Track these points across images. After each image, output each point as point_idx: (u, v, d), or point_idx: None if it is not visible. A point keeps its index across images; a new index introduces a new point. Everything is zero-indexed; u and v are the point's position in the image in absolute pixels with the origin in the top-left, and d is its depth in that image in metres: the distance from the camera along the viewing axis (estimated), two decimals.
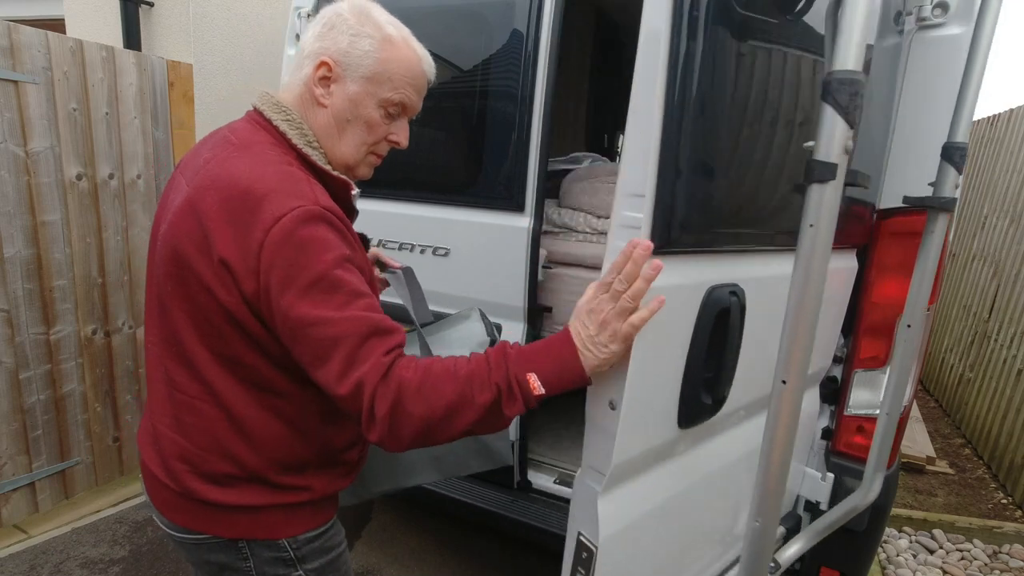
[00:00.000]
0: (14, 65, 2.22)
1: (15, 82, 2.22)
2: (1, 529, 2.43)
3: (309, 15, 2.18)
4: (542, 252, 1.99)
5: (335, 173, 0.95)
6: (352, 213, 1.01)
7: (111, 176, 2.60)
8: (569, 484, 2.10)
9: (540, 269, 1.98)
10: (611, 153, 5.67)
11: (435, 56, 2.12)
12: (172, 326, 0.91)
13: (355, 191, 0.99)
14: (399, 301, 1.25)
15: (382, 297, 1.12)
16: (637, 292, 0.86)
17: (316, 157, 0.94)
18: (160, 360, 0.96)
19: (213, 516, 0.96)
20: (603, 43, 4.08)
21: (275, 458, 0.95)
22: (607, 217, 2.16)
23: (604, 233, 2.15)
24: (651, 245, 0.87)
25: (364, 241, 1.14)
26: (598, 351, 0.86)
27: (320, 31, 0.95)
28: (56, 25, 3.01)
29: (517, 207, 1.91)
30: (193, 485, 0.94)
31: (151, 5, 2.86)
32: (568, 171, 2.50)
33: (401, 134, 1.02)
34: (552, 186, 2.52)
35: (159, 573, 2.29)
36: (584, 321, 0.88)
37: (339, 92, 0.95)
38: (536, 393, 0.85)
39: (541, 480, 2.13)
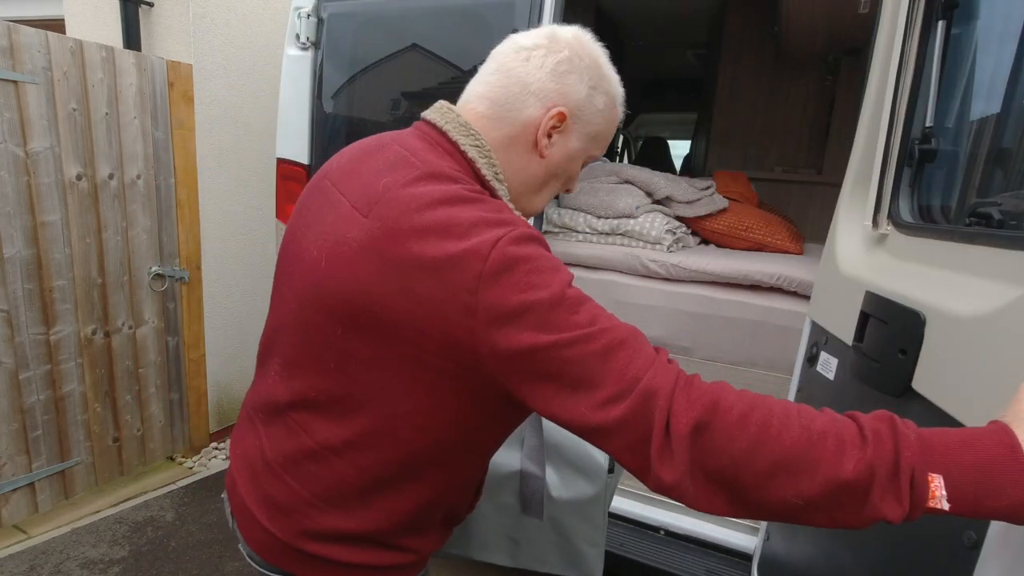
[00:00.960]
0: (14, 65, 2.21)
1: (15, 82, 2.22)
2: (1, 529, 2.43)
3: (309, 15, 2.18)
4: None
5: (516, 213, 0.82)
6: None
7: (111, 176, 2.60)
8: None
9: None
10: (611, 153, 5.67)
11: (435, 56, 2.12)
12: (322, 368, 0.79)
13: None
14: None
15: None
16: None
17: (502, 193, 0.82)
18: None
19: (313, 564, 0.87)
20: (603, 43, 4.07)
21: (402, 523, 0.84)
22: (607, 217, 2.16)
23: (604, 233, 2.16)
24: None
25: None
26: None
27: (555, 68, 0.81)
28: (56, 25, 3.00)
29: None
30: (298, 538, 0.85)
31: (151, 5, 2.86)
32: None
33: (576, 183, 0.94)
34: None
35: (159, 573, 2.28)
36: None
37: (561, 145, 0.84)
38: (932, 506, 0.57)
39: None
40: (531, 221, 1.90)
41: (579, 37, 0.85)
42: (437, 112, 0.85)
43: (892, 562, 0.93)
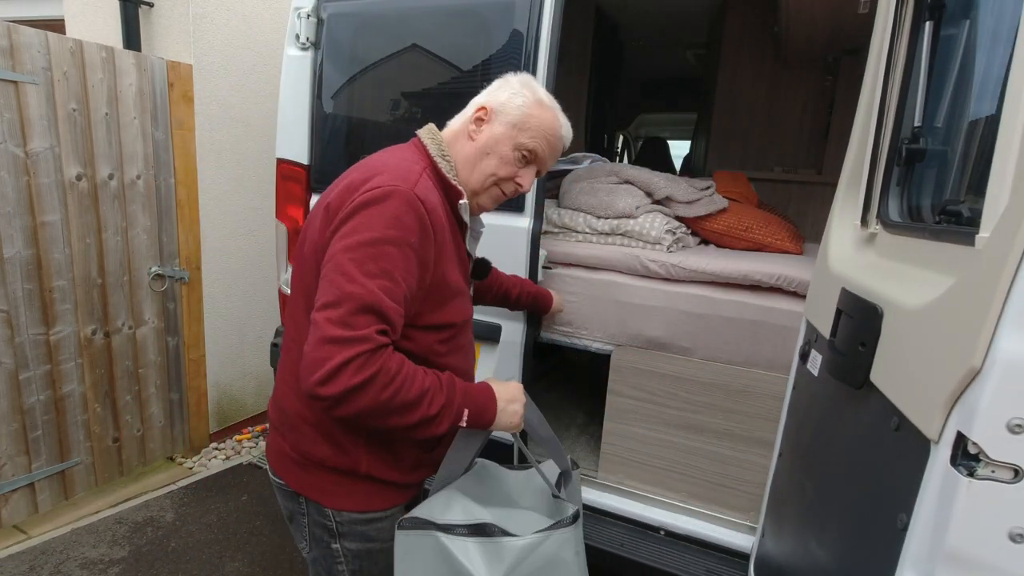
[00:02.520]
0: (14, 65, 2.22)
1: (15, 82, 2.22)
2: (1, 530, 2.43)
3: (309, 15, 2.18)
4: (542, 252, 1.99)
5: (453, 181, 1.12)
6: (462, 224, 1.16)
7: (111, 176, 2.60)
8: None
9: (540, 269, 1.98)
10: (611, 153, 5.68)
11: (435, 56, 2.12)
12: (295, 278, 1.14)
13: (463, 201, 1.13)
14: None
15: None
16: None
17: (442, 166, 1.13)
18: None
19: (287, 466, 1.16)
20: (603, 43, 4.07)
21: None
22: (607, 217, 2.16)
23: (604, 234, 2.15)
24: None
25: (485, 268, 1.43)
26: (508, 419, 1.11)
27: (490, 89, 1.18)
28: (56, 25, 3.01)
29: (517, 207, 1.92)
30: (279, 420, 1.17)
31: (151, 5, 2.86)
32: (568, 171, 2.50)
33: (526, 180, 1.19)
34: (552, 186, 2.52)
35: (159, 573, 2.29)
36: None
37: (487, 131, 1.15)
38: (460, 424, 1.05)
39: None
40: (530, 221, 1.90)
41: (516, 75, 1.20)
42: (422, 128, 1.20)
43: (847, 546, 0.97)
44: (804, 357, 1.38)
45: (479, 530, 1.07)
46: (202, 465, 3.10)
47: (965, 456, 0.66)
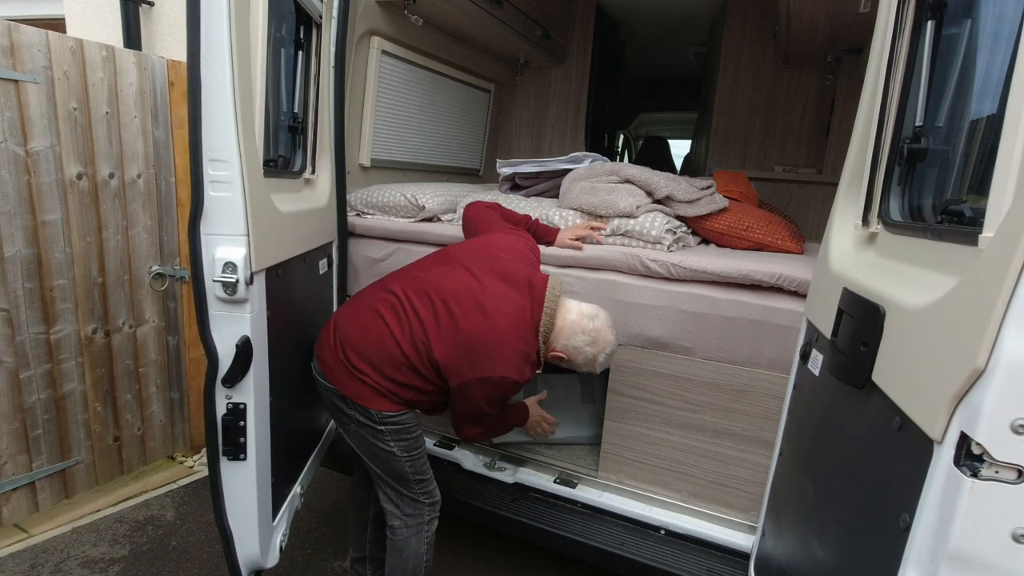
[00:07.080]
0: (14, 65, 2.21)
1: (15, 81, 2.22)
2: (1, 528, 2.43)
3: None
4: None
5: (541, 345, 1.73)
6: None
7: (111, 176, 2.60)
8: (569, 484, 2.10)
9: None
10: (611, 152, 5.67)
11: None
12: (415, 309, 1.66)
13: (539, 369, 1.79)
14: None
15: None
16: None
17: (542, 337, 1.72)
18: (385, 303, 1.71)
19: (340, 378, 1.66)
20: (604, 41, 4.07)
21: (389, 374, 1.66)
22: (607, 217, 2.16)
23: (604, 233, 2.15)
24: None
25: None
26: None
27: (581, 341, 1.72)
28: (56, 25, 3.01)
29: None
30: (345, 349, 1.67)
31: (151, 4, 2.86)
32: (568, 170, 2.50)
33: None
34: (552, 186, 2.52)
35: (159, 573, 2.29)
36: None
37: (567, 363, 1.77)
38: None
39: (541, 480, 2.13)
40: None
41: (607, 336, 1.75)
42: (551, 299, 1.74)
43: (849, 546, 0.98)
44: (805, 357, 1.38)
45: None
46: (203, 464, 3.10)
47: (969, 456, 0.66)
